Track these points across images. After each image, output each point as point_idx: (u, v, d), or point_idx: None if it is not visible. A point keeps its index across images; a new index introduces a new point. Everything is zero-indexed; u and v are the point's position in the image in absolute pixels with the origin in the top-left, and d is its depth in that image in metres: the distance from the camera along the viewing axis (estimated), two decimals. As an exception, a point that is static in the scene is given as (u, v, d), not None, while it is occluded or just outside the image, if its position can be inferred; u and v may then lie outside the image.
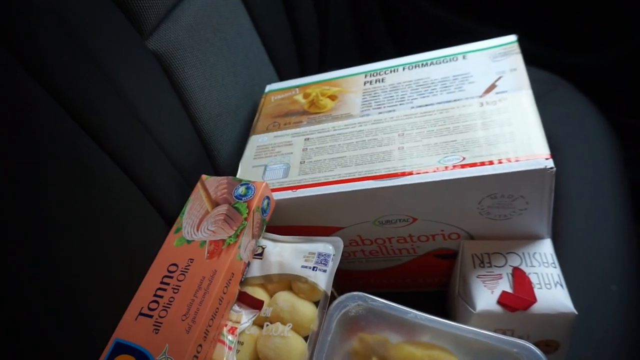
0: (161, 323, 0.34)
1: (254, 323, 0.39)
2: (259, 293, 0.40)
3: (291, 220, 0.45)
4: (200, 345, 0.34)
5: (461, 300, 0.42)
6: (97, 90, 0.35)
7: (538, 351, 0.34)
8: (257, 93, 0.58)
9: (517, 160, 0.38)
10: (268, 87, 0.57)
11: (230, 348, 0.37)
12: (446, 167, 0.39)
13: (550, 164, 0.37)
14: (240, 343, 0.38)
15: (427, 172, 0.40)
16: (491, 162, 0.38)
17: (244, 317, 0.39)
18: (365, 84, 0.51)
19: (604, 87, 0.72)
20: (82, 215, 0.34)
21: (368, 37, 0.74)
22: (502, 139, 0.40)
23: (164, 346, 0.33)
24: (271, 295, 0.40)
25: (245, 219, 0.39)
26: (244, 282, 0.41)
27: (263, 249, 0.42)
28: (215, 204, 0.41)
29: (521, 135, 0.39)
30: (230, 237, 0.38)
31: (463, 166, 0.39)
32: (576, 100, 0.65)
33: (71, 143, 0.33)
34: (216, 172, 0.52)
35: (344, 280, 0.51)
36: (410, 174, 0.40)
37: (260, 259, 0.42)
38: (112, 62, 0.38)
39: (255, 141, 0.50)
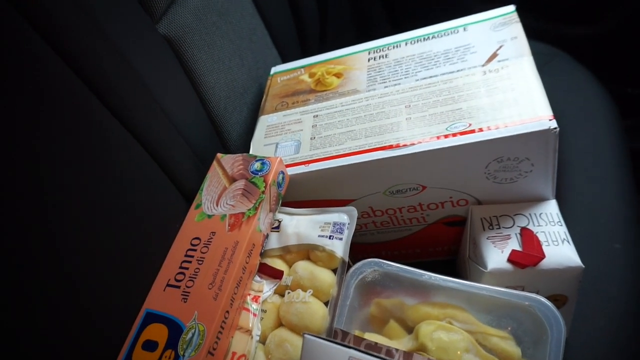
0: (189, 292, 0.36)
1: (275, 292, 0.41)
2: (278, 264, 0.42)
3: (304, 195, 0.47)
4: (227, 312, 0.36)
5: (472, 263, 0.44)
6: (117, 71, 0.37)
7: (549, 302, 0.36)
8: (262, 76, 0.59)
9: (522, 123, 0.39)
10: (273, 69, 0.58)
11: (255, 315, 0.38)
12: (453, 134, 0.41)
13: (553, 124, 0.38)
14: (263, 311, 0.40)
15: (435, 140, 0.41)
16: (497, 127, 0.40)
17: (266, 287, 0.41)
18: (369, 60, 0.52)
19: (601, 57, 0.74)
20: (108, 191, 0.35)
21: (366, 16, 0.75)
22: (506, 104, 0.41)
23: (193, 313, 0.35)
24: (290, 265, 0.42)
25: (263, 192, 0.41)
26: (262, 254, 0.42)
27: (279, 222, 0.44)
28: (232, 179, 0.42)
29: (524, 99, 0.41)
30: (249, 209, 0.40)
31: (469, 132, 0.40)
32: (574, 70, 0.67)
33: (94, 120, 0.35)
34: (227, 152, 0.53)
35: (356, 253, 0.53)
36: (419, 142, 0.42)
37: (278, 231, 0.43)
38: (128, 46, 0.39)
39: (265, 121, 0.52)
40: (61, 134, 0.32)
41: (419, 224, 0.49)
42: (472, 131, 0.40)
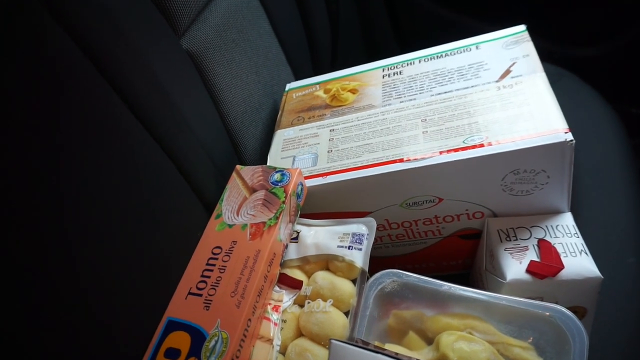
0: (211, 300, 0.36)
1: (295, 302, 0.41)
2: (297, 274, 0.42)
3: (322, 207, 0.47)
4: (249, 320, 0.36)
5: (490, 274, 0.44)
6: (143, 82, 0.38)
7: (570, 313, 0.36)
8: (277, 92, 0.60)
9: (538, 136, 0.40)
10: (288, 86, 0.59)
11: (275, 324, 0.38)
12: (470, 147, 0.42)
13: (569, 137, 0.39)
14: (283, 321, 0.40)
15: (452, 152, 0.42)
16: (513, 139, 0.41)
17: (285, 297, 0.41)
18: (383, 77, 0.53)
19: (607, 78, 0.75)
20: (132, 199, 0.36)
21: (375, 37, 0.77)
22: (522, 118, 0.42)
23: (216, 321, 0.35)
24: (309, 276, 0.42)
25: (283, 202, 0.41)
26: (282, 265, 0.42)
27: (298, 233, 0.44)
28: (252, 190, 0.43)
29: (540, 113, 0.42)
30: (270, 219, 0.40)
31: (486, 144, 0.41)
32: (582, 89, 0.68)
33: (123, 129, 0.36)
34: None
35: (371, 267, 0.53)
36: (436, 154, 0.42)
37: (296, 242, 0.44)
38: (155, 60, 0.40)
39: (281, 135, 0.53)
40: (93, 141, 0.33)
41: (435, 236, 0.50)
42: (489, 144, 0.41)
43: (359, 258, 0.41)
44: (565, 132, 0.40)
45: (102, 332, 0.34)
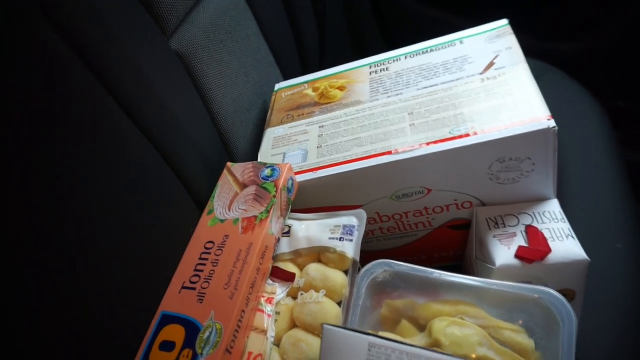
0: (204, 293, 0.36)
1: (288, 294, 0.41)
2: (289, 267, 0.43)
3: (313, 202, 0.48)
4: (243, 311, 0.36)
5: (480, 262, 0.44)
6: (134, 82, 0.38)
7: (558, 294, 0.37)
8: (266, 93, 0.61)
9: (522, 124, 0.41)
10: (277, 85, 0.60)
11: (269, 316, 0.39)
12: (456, 137, 0.42)
13: (552, 123, 0.40)
14: (276, 313, 0.40)
15: (439, 143, 0.43)
16: (498, 128, 0.42)
17: (278, 290, 0.41)
18: (370, 73, 0.54)
19: (590, 71, 0.77)
20: (125, 196, 0.36)
21: (362, 37, 0.78)
22: (506, 107, 0.43)
23: (210, 313, 0.35)
24: (301, 268, 0.43)
25: (274, 196, 0.42)
26: (274, 258, 0.43)
27: (289, 227, 0.45)
28: (243, 186, 0.44)
29: (523, 102, 0.43)
30: (261, 212, 0.41)
31: (472, 134, 0.42)
32: (566, 83, 0.70)
33: (116, 127, 0.36)
34: (235, 165, 0.54)
35: (362, 261, 0.53)
36: (424, 145, 0.43)
37: (288, 236, 0.44)
38: (142, 58, 0.41)
39: (271, 133, 0.53)
40: (87, 138, 0.34)
41: (425, 228, 0.50)
42: (475, 133, 0.42)
43: (350, 249, 0.41)
44: (548, 119, 0.40)
45: (97, 326, 0.34)
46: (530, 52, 0.47)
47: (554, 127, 0.40)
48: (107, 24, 0.37)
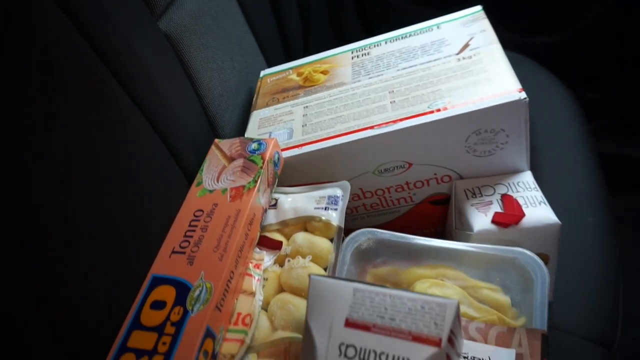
0: (194, 257, 0.38)
1: (275, 262, 0.42)
2: (276, 237, 0.44)
3: (298, 179, 0.49)
4: (232, 272, 0.37)
5: (459, 231, 0.46)
6: (128, 58, 0.40)
7: (532, 254, 0.39)
8: (252, 80, 0.63)
9: (495, 97, 0.43)
10: (263, 72, 0.62)
11: (257, 280, 0.40)
12: (435, 110, 0.45)
13: (523, 95, 0.43)
14: (264, 279, 0.41)
15: (418, 116, 0.45)
16: (473, 101, 0.44)
17: (266, 258, 0.42)
18: (352, 58, 0.56)
19: (562, 63, 0.80)
20: (119, 166, 0.38)
21: (344, 28, 0.81)
22: (480, 83, 0.45)
23: (200, 273, 0.36)
24: (288, 238, 0.44)
25: (261, 167, 0.43)
26: (261, 229, 0.44)
27: (276, 200, 0.46)
28: (231, 159, 0.45)
29: (496, 78, 0.45)
30: (249, 182, 0.42)
31: (449, 108, 0.44)
32: (540, 73, 0.73)
33: (115, 103, 0.38)
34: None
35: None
36: (404, 119, 0.45)
37: (275, 208, 0.46)
38: (134, 36, 0.42)
39: (257, 115, 0.55)
40: (85, 110, 0.35)
41: (407, 204, 0.52)
42: (452, 107, 0.44)
43: (335, 217, 0.43)
44: (519, 91, 0.43)
45: (88, 288, 0.35)
46: (503, 44, 0.49)
47: (524, 98, 0.43)
48: (103, 2, 0.39)
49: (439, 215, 0.53)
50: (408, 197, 0.51)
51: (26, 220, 0.31)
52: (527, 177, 0.47)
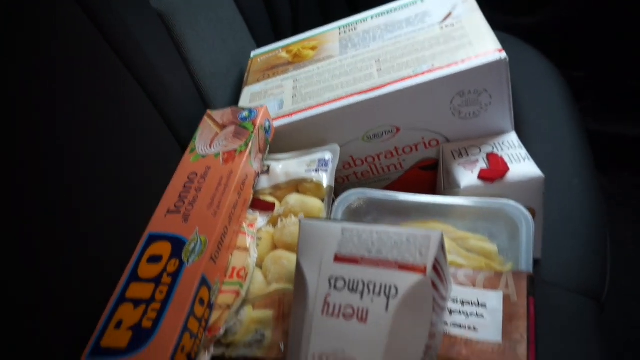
0: (189, 214, 0.39)
1: (269, 222, 0.44)
2: (269, 200, 0.45)
3: (289, 147, 0.50)
4: (226, 227, 0.38)
5: (447, 190, 0.48)
6: (125, 35, 0.42)
7: (517, 204, 0.40)
8: (243, 62, 0.64)
9: (477, 58, 0.45)
10: (253, 53, 0.63)
11: (252, 237, 0.41)
12: (419, 74, 0.46)
13: (503, 55, 0.44)
14: (258, 239, 0.42)
15: (404, 80, 0.46)
16: (456, 63, 0.45)
17: (259, 219, 0.44)
18: (340, 34, 0.58)
19: (546, 43, 0.82)
20: (119, 134, 0.39)
21: (331, 9, 0.83)
22: (463, 47, 0.47)
23: (194, 229, 0.37)
24: (280, 201, 0.45)
25: (252, 132, 0.44)
26: (254, 193, 0.45)
27: (269, 167, 0.47)
28: (223, 127, 0.46)
29: (477, 41, 0.47)
30: (240, 146, 0.43)
31: (433, 70, 0.46)
32: (525, 50, 0.75)
33: (113, 73, 0.39)
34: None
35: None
36: (391, 83, 0.47)
37: (267, 174, 0.47)
38: (127, 14, 0.44)
39: (249, 90, 0.56)
40: (86, 80, 0.37)
41: (397, 170, 0.53)
42: (436, 70, 0.46)
43: (325, 178, 0.44)
44: (499, 52, 0.44)
45: (88, 248, 0.36)
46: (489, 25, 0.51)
47: (505, 58, 0.44)
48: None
49: (429, 181, 0.55)
50: (398, 164, 0.53)
51: (30, 185, 0.32)
52: (512, 137, 0.48)
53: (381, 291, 0.28)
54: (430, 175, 0.54)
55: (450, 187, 0.47)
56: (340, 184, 0.55)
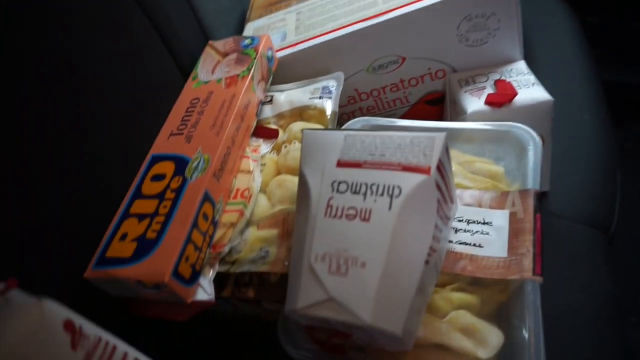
0: (192, 135, 0.38)
1: (273, 149, 0.43)
2: (273, 127, 0.45)
3: (293, 78, 0.50)
4: (229, 148, 0.38)
5: (453, 120, 0.47)
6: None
7: (524, 126, 0.40)
8: (245, 2, 0.63)
9: (484, -23, 0.43)
10: (256, -9, 0.62)
11: (255, 161, 0.41)
12: (424, -1, 0.45)
13: (512, -28, 0.43)
14: (262, 164, 0.42)
15: (408, 5, 0.45)
16: (463, -15, 0.44)
17: (263, 146, 0.43)
18: (344, -33, 0.56)
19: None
20: (125, 63, 0.39)
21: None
22: (470, -31, 0.45)
23: (198, 148, 0.37)
24: (284, 130, 0.45)
25: (255, 58, 0.44)
26: (258, 122, 0.45)
27: (272, 97, 0.47)
28: (225, 54, 0.45)
29: (485, -38, 0.45)
30: (243, 71, 0.43)
31: (439, -7, 0.44)
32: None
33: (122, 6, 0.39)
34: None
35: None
36: (395, 9, 0.45)
37: (271, 104, 0.46)
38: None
39: (251, 26, 0.55)
40: (97, 14, 0.36)
41: (403, 105, 0.53)
42: (442, -7, 0.44)
43: (329, 104, 0.44)
44: (509, -30, 0.43)
45: (95, 167, 0.36)
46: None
47: (514, -25, 0.42)
48: None
49: (435, 116, 0.54)
50: (403, 98, 0.52)
51: (39, 108, 0.32)
52: (521, 64, 0.47)
53: (384, 192, 0.28)
54: (436, 110, 0.53)
55: (457, 116, 0.46)
56: (345, 121, 0.54)
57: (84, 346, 0.19)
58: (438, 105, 0.52)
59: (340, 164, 0.30)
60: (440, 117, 0.53)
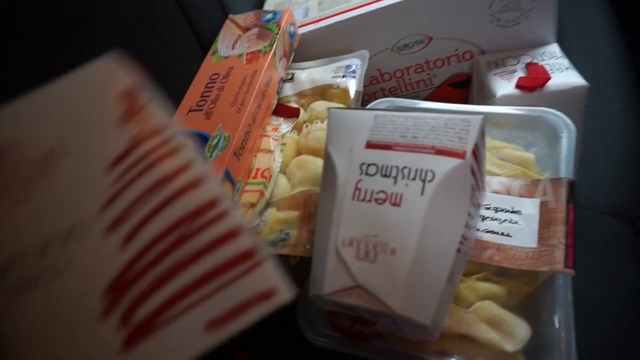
0: (212, 112, 0.37)
1: (293, 129, 0.42)
2: (293, 107, 0.43)
3: (315, 56, 0.48)
4: (249, 126, 0.37)
5: (480, 105, 0.45)
6: None
7: (557, 111, 0.38)
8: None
9: (521, -46, 0.41)
10: (276, -35, 0.60)
11: (275, 140, 0.39)
12: (457, -26, 0.43)
13: (551, -52, 0.40)
14: (282, 144, 0.41)
15: (439, -19, 0.43)
16: (498, -39, 0.42)
17: (284, 125, 0.42)
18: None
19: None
20: (150, 39, 0.37)
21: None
22: (506, -55, 0.43)
23: (218, 125, 0.36)
24: (305, 108, 0.43)
25: (277, 33, 0.42)
26: (279, 100, 0.43)
27: (293, 74, 0.45)
28: (246, 29, 0.44)
29: (523, -62, 0.43)
30: (265, 47, 0.41)
31: (472, -30, 0.42)
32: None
33: None
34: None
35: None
36: (424, -15, 0.43)
37: (292, 81, 0.45)
38: None
39: (272, 1, 0.53)
40: None
41: (427, 87, 0.51)
42: (475, -31, 0.42)
43: (353, 84, 0.42)
44: (547, -54, 0.41)
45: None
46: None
47: (553, -49, 0.40)
48: None
49: (459, 100, 0.52)
50: (428, 79, 0.50)
51: None
52: (554, 48, 0.45)
53: (416, 176, 0.27)
54: (461, 93, 0.51)
55: (484, 99, 0.44)
56: (366, 102, 0.52)
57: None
58: (463, 88, 0.51)
59: (370, 145, 0.29)
60: (465, 101, 0.52)
